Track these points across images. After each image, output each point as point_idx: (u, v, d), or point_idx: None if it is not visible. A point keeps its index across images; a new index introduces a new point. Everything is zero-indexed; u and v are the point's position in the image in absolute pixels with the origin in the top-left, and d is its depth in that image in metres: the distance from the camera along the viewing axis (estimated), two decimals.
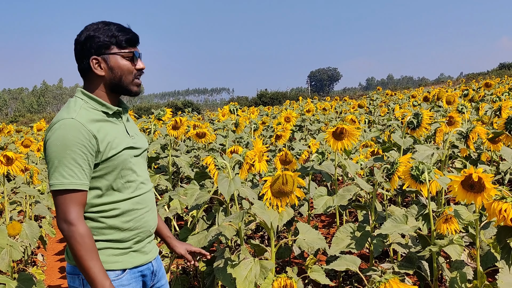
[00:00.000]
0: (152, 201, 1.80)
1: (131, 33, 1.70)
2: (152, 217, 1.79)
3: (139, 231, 1.72)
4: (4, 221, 3.57)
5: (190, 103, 42.04)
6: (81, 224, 1.56)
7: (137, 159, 1.74)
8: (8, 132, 9.50)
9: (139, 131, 1.85)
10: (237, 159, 2.66)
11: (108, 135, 1.64)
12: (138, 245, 1.73)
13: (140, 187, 1.73)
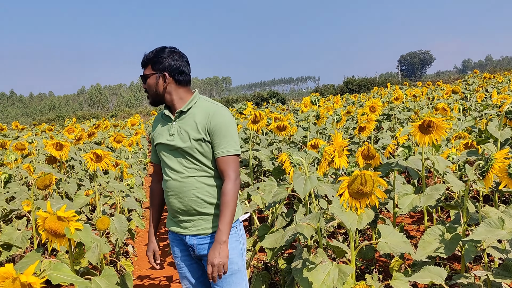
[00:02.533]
0: (179, 188, 2.15)
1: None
2: (179, 201, 2.16)
3: (168, 207, 2.25)
4: (97, 214, 3.77)
5: (276, 93, 42.14)
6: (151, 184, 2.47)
7: (171, 152, 2.17)
8: (106, 127, 10.14)
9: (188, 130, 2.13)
10: (313, 155, 2.54)
11: (154, 130, 2.29)
12: (172, 217, 2.26)
13: (168, 175, 2.19)
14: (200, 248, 2.19)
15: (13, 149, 5.88)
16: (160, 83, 2.17)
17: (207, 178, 2.15)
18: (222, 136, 2.11)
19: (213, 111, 2.13)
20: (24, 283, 1.41)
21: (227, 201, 2.07)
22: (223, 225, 2.05)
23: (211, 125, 2.11)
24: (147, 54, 2.19)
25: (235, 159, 2.15)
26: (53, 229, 2.07)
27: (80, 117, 42.21)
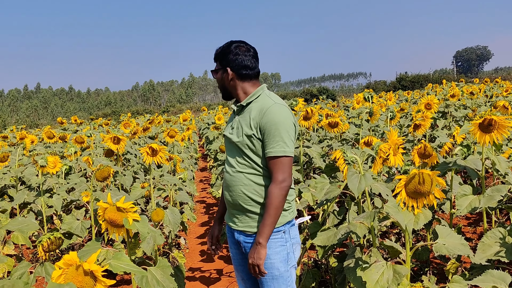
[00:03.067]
0: (228, 182, 2.19)
1: None
2: (228, 195, 2.19)
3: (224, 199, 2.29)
4: (152, 206, 3.88)
5: (325, 89, 41.70)
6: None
7: (230, 145, 2.21)
8: (159, 122, 10.41)
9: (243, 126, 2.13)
10: (368, 153, 2.49)
11: (227, 122, 2.33)
12: (227, 209, 2.29)
13: (225, 167, 2.25)
14: (246, 246, 2.18)
15: (73, 142, 6.15)
16: (225, 77, 2.20)
17: (256, 176, 2.11)
18: (271, 135, 2.04)
19: (266, 107, 2.07)
20: (86, 270, 1.48)
21: (269, 203, 2.03)
22: (262, 227, 2.03)
23: (262, 122, 2.06)
24: (216, 49, 2.24)
25: (284, 160, 2.05)
26: (113, 219, 2.15)
27: (134, 112, 43.56)
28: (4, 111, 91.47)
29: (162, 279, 2.32)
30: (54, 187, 4.63)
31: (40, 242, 2.42)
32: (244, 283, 2.36)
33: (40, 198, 4.03)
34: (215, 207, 7.44)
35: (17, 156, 5.38)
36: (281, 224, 2.12)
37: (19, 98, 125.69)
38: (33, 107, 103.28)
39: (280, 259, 2.11)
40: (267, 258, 2.08)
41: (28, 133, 9.39)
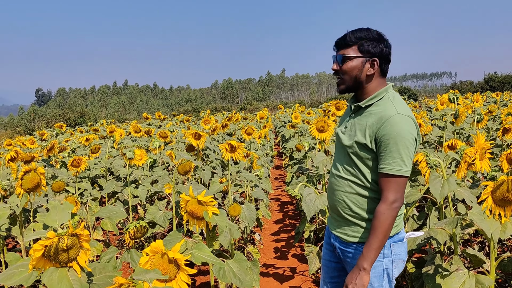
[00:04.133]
0: (331, 186, 2.07)
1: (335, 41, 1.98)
2: (330, 197, 2.09)
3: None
4: (229, 201, 4.00)
5: (407, 89, 40.16)
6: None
7: (338, 146, 2.06)
8: (236, 119, 10.63)
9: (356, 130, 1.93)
10: (452, 157, 2.39)
11: (341, 118, 2.15)
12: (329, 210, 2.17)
13: (332, 167, 2.11)
14: (340, 252, 2.07)
15: (157, 137, 6.48)
16: (365, 68, 1.90)
17: (361, 187, 1.93)
18: (388, 150, 1.80)
19: (387, 117, 1.82)
20: (171, 258, 1.57)
21: (376, 225, 1.81)
22: (367, 250, 1.82)
23: (380, 133, 1.83)
24: (354, 33, 1.90)
25: (399, 180, 1.81)
26: (194, 211, 2.26)
27: (213, 109, 44.81)
28: (95, 106, 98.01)
29: (238, 271, 2.39)
30: (140, 179, 4.90)
31: (127, 230, 2.60)
32: (325, 285, 2.26)
33: (127, 188, 4.29)
34: (289, 205, 7.49)
35: (107, 148, 5.77)
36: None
37: (108, 94, 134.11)
38: (121, 102, 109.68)
39: (374, 274, 1.93)
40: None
41: (117, 127, 10.01)
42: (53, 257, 1.50)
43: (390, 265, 1.95)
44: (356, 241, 1.97)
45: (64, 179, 3.95)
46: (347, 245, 2.02)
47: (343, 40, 1.93)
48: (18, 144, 7.07)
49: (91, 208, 4.32)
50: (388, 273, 1.95)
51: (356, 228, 1.97)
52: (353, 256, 1.99)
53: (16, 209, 2.66)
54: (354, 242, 1.98)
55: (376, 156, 1.87)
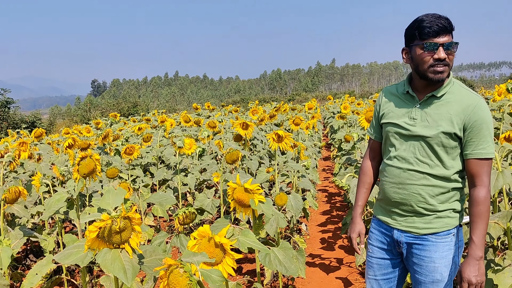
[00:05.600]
0: (401, 179, 1.97)
1: (436, 25, 1.81)
2: (396, 192, 1.99)
3: (382, 193, 2.09)
4: (275, 190, 4.03)
5: (463, 80, 38.64)
6: (364, 160, 2.26)
7: (406, 138, 1.96)
8: (284, 110, 10.63)
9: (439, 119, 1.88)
10: (508, 149, 2.30)
11: (386, 106, 2.07)
12: (384, 206, 2.09)
13: (392, 160, 2.01)
14: (410, 247, 2.02)
15: (206, 127, 6.60)
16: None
17: (439, 178, 1.91)
18: (482, 134, 1.83)
19: (475, 103, 1.85)
20: (217, 243, 1.61)
21: (483, 211, 1.83)
22: (479, 238, 1.83)
23: (470, 119, 1.84)
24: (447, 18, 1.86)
25: (490, 163, 1.88)
26: (240, 199, 2.30)
27: (261, 100, 44.93)
28: (147, 96, 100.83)
29: (284, 259, 2.42)
30: (189, 167, 5.03)
31: (176, 215, 2.68)
32: (376, 282, 2.19)
33: (176, 176, 4.41)
34: (337, 197, 7.43)
35: (158, 137, 5.95)
36: (453, 226, 1.96)
37: (160, 84, 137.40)
38: (172, 93, 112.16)
39: (445, 263, 1.95)
40: (431, 261, 1.96)
41: (168, 117, 10.27)
42: (106, 239, 1.58)
43: (457, 252, 1.98)
44: (430, 232, 1.95)
45: (118, 166, 4.11)
46: (417, 238, 1.98)
47: (450, 26, 1.85)
48: (75, 133, 7.41)
49: (143, 194, 4.47)
50: (455, 260, 1.98)
51: (428, 219, 1.95)
52: (423, 248, 1.97)
53: (73, 193, 2.80)
54: (426, 234, 1.96)
55: (461, 143, 1.89)
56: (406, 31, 1.93)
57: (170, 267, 1.32)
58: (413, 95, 1.96)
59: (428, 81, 1.88)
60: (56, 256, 1.69)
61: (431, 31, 1.81)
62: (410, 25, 1.90)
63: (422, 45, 1.83)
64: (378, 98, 2.15)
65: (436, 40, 1.82)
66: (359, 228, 2.22)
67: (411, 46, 1.90)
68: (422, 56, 1.85)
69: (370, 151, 2.24)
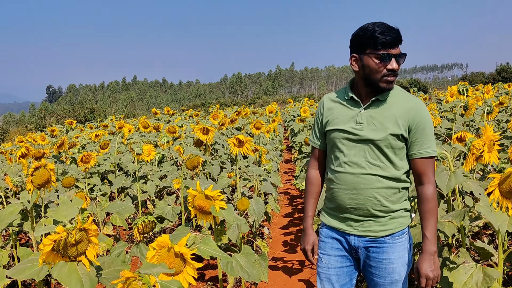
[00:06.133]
0: (355, 185, 1.96)
1: (389, 36, 1.84)
2: (351, 198, 1.98)
3: (335, 200, 2.05)
4: (237, 195, 4.02)
5: (417, 81, 39.93)
6: (310, 170, 2.23)
7: (352, 143, 1.97)
8: (245, 114, 10.64)
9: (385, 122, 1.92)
10: (459, 149, 2.38)
11: (329, 113, 2.06)
12: (337, 213, 2.07)
13: (343, 166, 1.99)
14: (367, 251, 2.02)
15: (166, 132, 6.51)
16: None
17: (391, 179, 1.95)
18: (426, 134, 1.91)
19: (416, 105, 1.93)
20: (177, 252, 1.58)
21: (433, 208, 1.91)
22: (431, 234, 1.90)
23: (414, 121, 1.91)
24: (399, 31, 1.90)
25: (434, 161, 1.98)
26: (201, 206, 2.27)
27: (222, 104, 44.83)
28: (105, 102, 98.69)
29: (246, 265, 2.41)
30: (148, 174, 4.94)
31: (135, 225, 2.62)
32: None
33: (136, 184, 4.32)
34: (298, 199, 7.49)
35: (116, 144, 5.82)
36: (406, 226, 2.02)
37: (117, 89, 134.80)
38: (130, 98, 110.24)
39: (402, 263, 2.00)
40: (389, 263, 1.98)
41: (126, 122, 10.07)
42: (62, 252, 1.52)
43: (410, 250, 2.06)
44: (386, 234, 1.99)
45: (74, 175, 3.99)
46: (374, 241, 2.00)
47: (400, 37, 1.89)
48: (29, 141, 7.16)
49: (101, 204, 4.36)
50: (409, 259, 2.05)
51: (384, 221, 1.98)
52: (380, 250, 1.99)
53: (27, 204, 2.70)
54: (383, 236, 1.99)
55: (406, 144, 1.95)
56: (356, 39, 1.93)
57: (128, 280, 1.29)
58: (358, 100, 1.98)
59: (378, 90, 1.93)
60: (10, 271, 1.62)
61: (387, 42, 1.84)
62: (361, 33, 1.90)
63: (379, 55, 1.86)
64: (319, 107, 2.14)
65: (390, 51, 1.86)
66: (313, 239, 2.18)
67: (363, 54, 1.90)
68: (377, 66, 1.87)
69: (314, 161, 2.21)
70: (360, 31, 1.91)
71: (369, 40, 1.86)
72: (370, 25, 1.88)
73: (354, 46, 1.94)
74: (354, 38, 1.94)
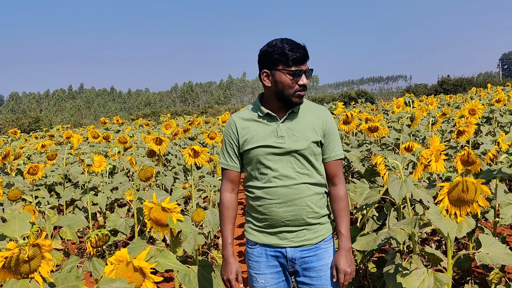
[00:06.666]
0: (289, 197, 1.99)
1: (298, 53, 1.92)
2: (287, 210, 2.00)
3: (268, 217, 2.03)
4: (192, 207, 3.98)
5: (364, 92, 41.20)
6: (224, 194, 2.14)
7: (278, 157, 1.99)
8: (198, 123, 10.59)
9: (303, 132, 2.01)
10: (409, 159, 2.48)
11: (250, 133, 2.03)
12: (270, 229, 2.05)
13: (273, 181, 2.00)
14: (304, 261, 2.05)
15: (117, 142, 6.36)
16: None
17: (317, 185, 2.04)
18: (335, 138, 2.07)
19: (325, 113, 2.08)
20: (136, 267, 1.55)
21: (346, 206, 2.05)
22: (346, 231, 2.02)
23: (327, 127, 2.04)
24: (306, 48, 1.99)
25: (342, 163, 2.15)
26: (158, 218, 2.24)
27: (173, 113, 44.35)
28: (50, 110, 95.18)
29: (203, 277, 2.40)
30: (99, 186, 4.80)
31: (88, 238, 2.54)
32: None
33: (86, 196, 4.19)
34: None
35: (65, 155, 5.62)
36: (332, 229, 2.13)
37: (63, 98, 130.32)
38: (77, 107, 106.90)
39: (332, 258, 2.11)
40: (327, 268, 2.06)
41: (73, 132, 9.75)
42: (13, 269, 1.45)
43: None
44: (320, 240, 2.07)
45: (20, 187, 3.82)
46: (311, 250, 2.06)
47: (308, 54, 1.97)
48: None
49: (49, 217, 4.19)
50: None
51: (316, 228, 2.06)
52: (317, 258, 2.06)
53: None
54: (317, 242, 2.06)
55: (321, 149, 2.07)
56: (267, 55, 1.96)
57: None
58: (274, 115, 2.02)
59: (290, 104, 2.00)
60: None
61: (298, 59, 1.92)
62: (271, 50, 1.95)
63: (291, 72, 1.93)
64: (230, 128, 2.09)
65: (301, 67, 1.94)
66: (236, 268, 2.13)
67: (275, 70, 1.95)
68: (291, 82, 1.94)
69: (228, 184, 2.14)
70: (269, 48, 1.96)
71: (281, 56, 1.92)
72: (278, 41, 1.96)
73: (265, 62, 1.98)
74: (263, 54, 1.98)
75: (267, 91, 2.03)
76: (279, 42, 1.95)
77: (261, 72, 2.00)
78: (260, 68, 2.02)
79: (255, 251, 2.11)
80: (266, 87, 2.02)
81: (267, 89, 2.03)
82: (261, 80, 2.03)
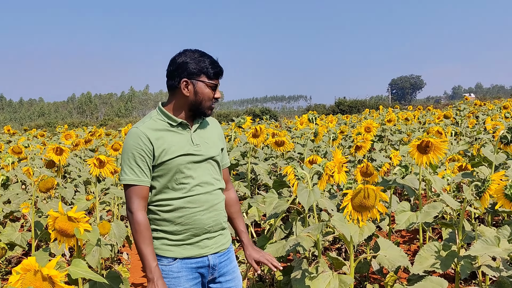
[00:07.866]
0: (210, 202, 2.03)
1: (218, 67, 2.01)
2: (209, 216, 2.02)
3: (191, 226, 1.98)
4: (95, 219, 3.81)
5: (268, 110, 42.49)
6: (138, 214, 1.93)
7: (197, 164, 2.01)
8: (99, 135, 10.16)
9: (213, 140, 2.12)
10: (316, 169, 2.63)
11: (166, 143, 1.95)
12: (192, 239, 2.00)
13: (194, 189, 1.99)
14: (221, 266, 2.09)
15: (10, 152, 5.90)
16: None
17: (223, 190, 2.17)
18: (225, 147, 2.24)
19: (218, 124, 2.24)
20: (45, 276, 1.47)
21: (240, 208, 2.29)
22: (246, 228, 2.25)
23: (222, 136, 2.21)
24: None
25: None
26: (63, 229, 2.13)
27: (70, 125, 41.96)
28: None
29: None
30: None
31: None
32: None
33: None
34: None
35: None
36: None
37: None
38: None
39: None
40: (238, 268, 2.22)
41: None
42: None
43: None
44: (229, 244, 2.18)
45: None
46: (225, 254, 2.13)
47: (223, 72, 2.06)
48: None
49: None
50: None
51: (225, 232, 2.15)
52: (229, 260, 2.16)
53: None
54: (228, 246, 2.16)
55: None
56: (187, 65, 1.95)
57: None
58: (187, 124, 2.02)
59: (201, 115, 2.05)
60: None
61: (219, 73, 2.02)
62: (191, 61, 1.95)
63: (213, 85, 2.00)
64: (140, 140, 1.93)
65: (217, 81, 2.04)
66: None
67: (197, 81, 1.96)
68: (210, 95, 2.00)
69: (140, 201, 1.95)
70: (189, 59, 1.96)
71: (205, 69, 1.96)
72: (197, 53, 1.99)
73: (185, 72, 1.95)
74: (184, 63, 1.96)
75: (181, 100, 1.99)
76: (198, 54, 1.98)
77: (181, 81, 1.96)
78: (179, 77, 1.97)
79: (174, 267, 1.98)
80: (182, 96, 1.98)
81: (182, 98, 1.99)
82: (175, 87, 1.99)
